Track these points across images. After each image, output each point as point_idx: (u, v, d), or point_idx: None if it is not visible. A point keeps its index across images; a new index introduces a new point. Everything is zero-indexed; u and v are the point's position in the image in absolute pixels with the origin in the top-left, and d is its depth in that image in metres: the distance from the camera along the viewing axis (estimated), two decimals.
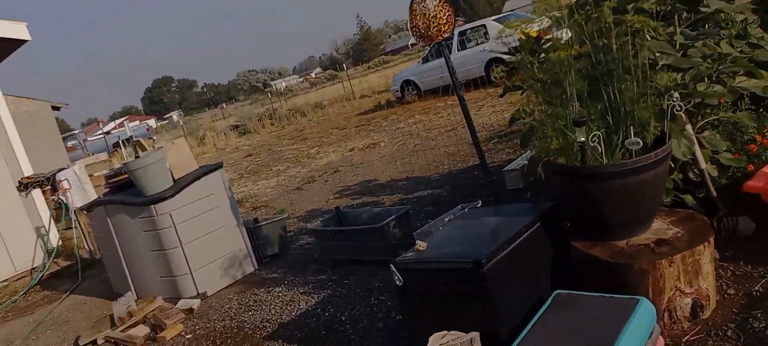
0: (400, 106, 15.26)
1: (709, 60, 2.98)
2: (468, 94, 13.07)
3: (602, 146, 2.49)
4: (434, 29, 3.37)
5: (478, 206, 4.57)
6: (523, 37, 3.40)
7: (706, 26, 3.58)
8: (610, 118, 2.73)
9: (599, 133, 2.47)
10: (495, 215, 3.05)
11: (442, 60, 12.51)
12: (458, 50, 13.98)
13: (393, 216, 4.23)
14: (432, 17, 3.33)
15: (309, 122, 19.69)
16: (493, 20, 13.79)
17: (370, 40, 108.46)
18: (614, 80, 2.67)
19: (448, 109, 11.86)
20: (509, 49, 3.28)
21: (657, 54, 2.96)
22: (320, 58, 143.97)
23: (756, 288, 2.53)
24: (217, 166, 4.96)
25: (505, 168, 5.35)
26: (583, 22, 2.64)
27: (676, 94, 2.62)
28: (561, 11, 2.60)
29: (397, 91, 15.85)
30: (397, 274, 2.68)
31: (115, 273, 5.44)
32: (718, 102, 3.26)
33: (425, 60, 14.91)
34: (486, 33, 13.66)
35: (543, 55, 3.17)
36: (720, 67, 2.99)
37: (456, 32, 14.48)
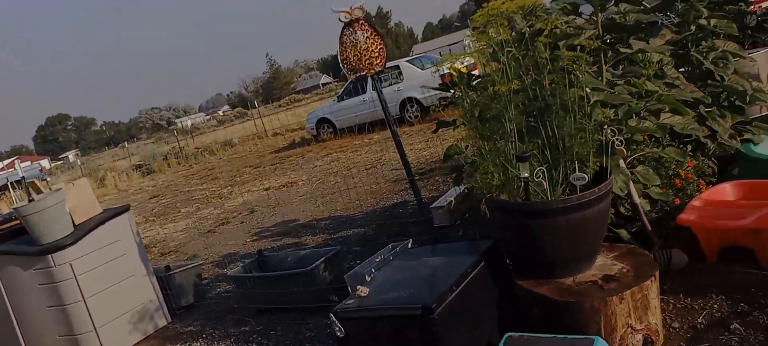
0: (316, 144, 15.07)
1: (636, 97, 3.04)
2: (383, 133, 13.10)
3: (546, 182, 2.43)
4: (366, 62, 3.25)
5: (409, 245, 4.44)
6: (455, 73, 3.35)
7: (623, 66, 3.70)
8: (549, 154, 2.70)
9: (543, 168, 2.42)
10: (435, 255, 2.92)
11: (359, 99, 12.52)
12: (372, 89, 14.03)
13: (322, 258, 4.01)
14: (363, 50, 3.22)
15: (219, 161, 19.03)
16: (406, 61, 14.00)
17: (280, 79, 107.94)
18: (552, 115, 2.64)
19: (365, 147, 11.80)
20: (445, 83, 3.21)
21: (588, 90, 2.98)
22: (228, 95, 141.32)
23: (699, 320, 2.54)
24: (124, 209, 4.54)
25: (432, 205, 5.28)
26: (520, 57, 2.61)
27: (609, 130, 2.63)
28: (497, 45, 2.54)
29: (312, 129, 15.66)
30: (338, 324, 2.47)
31: (3, 334, 4.80)
32: (642, 138, 3.35)
33: (340, 98, 14.86)
34: (400, 73, 13.81)
35: (471, 91, 3.14)
36: (647, 105, 3.06)
37: None
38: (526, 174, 2.40)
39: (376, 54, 3.25)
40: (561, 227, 2.43)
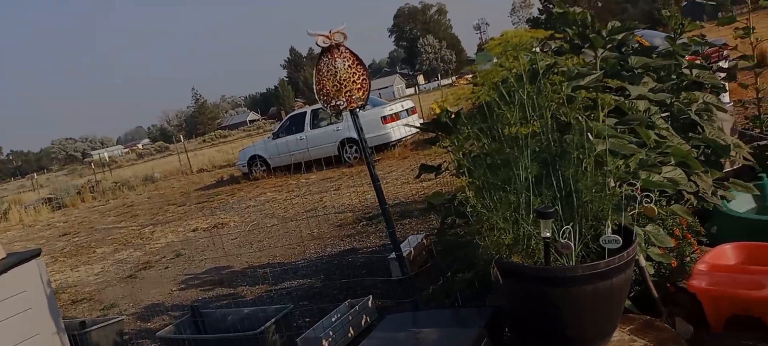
0: (248, 182, 14.31)
1: (644, 148, 2.76)
2: (322, 173, 12.60)
3: (573, 244, 2.05)
4: (346, 93, 2.80)
5: (370, 303, 3.95)
6: (439, 110, 2.97)
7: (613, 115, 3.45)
8: (561, 209, 2.33)
9: (569, 227, 2.04)
10: (423, 326, 2.46)
11: (296, 136, 11.95)
12: (311, 128, 13.57)
13: (272, 319, 3.45)
14: (344, 79, 2.78)
15: (139, 197, 17.81)
16: None
17: (206, 114, 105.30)
18: (568, 165, 2.28)
19: (302, 188, 11.23)
20: (431, 122, 2.81)
21: (592, 138, 2.67)
22: (149, 128, 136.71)
23: None
24: (34, 254, 3.80)
25: (390, 256, 4.81)
26: (534, 96, 2.25)
27: (628, 184, 2.31)
28: (516, 80, 2.18)
29: (244, 166, 14.90)
30: None
31: None
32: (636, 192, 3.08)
33: (276, 135, 14.26)
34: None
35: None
36: (655, 156, 2.78)
37: (309, 110, 14.10)
38: (548, 233, 2.01)
39: (358, 85, 2.81)
40: (586, 296, 2.05)
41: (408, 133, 12.77)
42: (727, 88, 5.79)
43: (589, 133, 2.64)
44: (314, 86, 2.84)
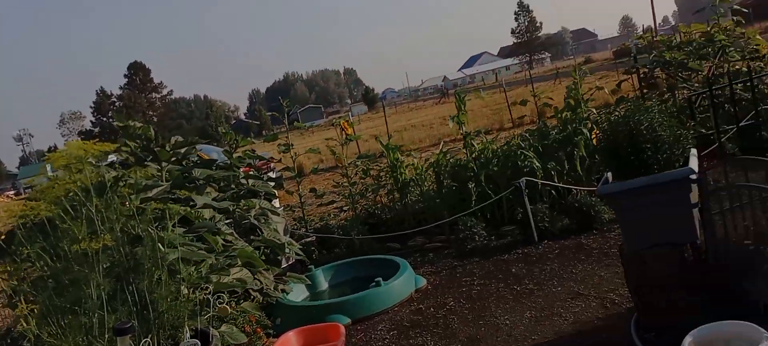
0: None
1: (213, 253, 2.96)
2: None
3: None
4: None
5: None
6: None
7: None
8: (137, 322, 2.29)
9: (149, 340, 2.02)
10: None
11: None
12: None
13: None
14: None
15: None
16: None
17: None
18: (142, 277, 2.28)
19: None
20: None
21: (164, 249, 2.73)
22: None
23: None
24: None
25: None
26: (103, 209, 2.20)
27: (204, 291, 2.45)
28: (82, 192, 2.08)
29: None
30: None
31: None
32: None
33: None
34: None
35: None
36: (222, 261, 3.00)
37: None
38: None
39: None
40: None
41: None
42: (277, 194, 6.71)
43: (160, 244, 2.69)
44: None
